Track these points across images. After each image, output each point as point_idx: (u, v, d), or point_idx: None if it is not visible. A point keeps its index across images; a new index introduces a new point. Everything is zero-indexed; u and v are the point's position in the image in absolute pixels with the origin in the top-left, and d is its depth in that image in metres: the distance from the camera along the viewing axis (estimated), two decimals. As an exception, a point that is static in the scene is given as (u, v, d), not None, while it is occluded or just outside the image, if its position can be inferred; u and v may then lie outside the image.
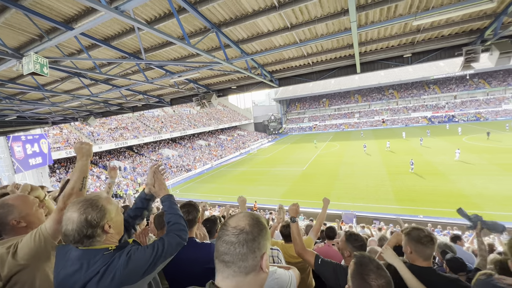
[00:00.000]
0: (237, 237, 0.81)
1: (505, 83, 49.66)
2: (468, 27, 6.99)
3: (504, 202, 13.12)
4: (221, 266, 0.82)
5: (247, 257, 0.80)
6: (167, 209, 1.58)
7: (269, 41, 7.00)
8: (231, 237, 0.82)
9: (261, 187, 21.66)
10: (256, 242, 0.83)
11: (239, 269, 0.80)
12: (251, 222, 0.86)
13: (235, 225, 0.84)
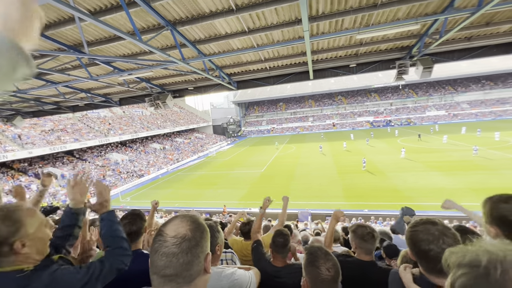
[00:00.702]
0: (179, 247, 0.75)
1: (427, 93, 59.08)
2: (400, 44, 8.09)
3: (429, 194, 15.47)
4: (161, 282, 0.75)
5: (192, 264, 0.76)
6: (106, 231, 1.34)
7: (227, 43, 7.00)
8: (171, 248, 0.75)
9: (220, 190, 21.38)
10: (200, 247, 0.79)
11: (183, 280, 0.75)
12: (191, 227, 0.80)
13: (174, 234, 0.77)
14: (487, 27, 7.07)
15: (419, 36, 7.39)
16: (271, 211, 15.15)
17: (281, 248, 2.03)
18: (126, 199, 22.75)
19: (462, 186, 16.10)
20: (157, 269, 0.75)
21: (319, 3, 5.46)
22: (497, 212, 1.14)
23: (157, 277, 0.75)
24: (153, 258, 0.76)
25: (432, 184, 17.08)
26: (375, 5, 5.66)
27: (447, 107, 56.03)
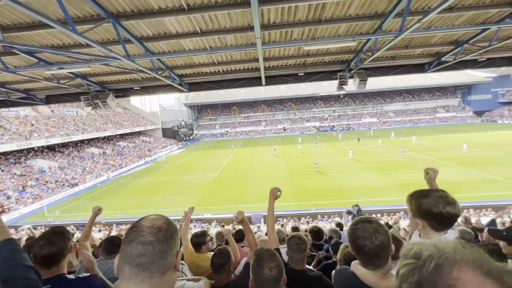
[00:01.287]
0: (156, 235, 0.78)
1: (363, 102, 67.31)
2: (341, 58, 9.01)
3: (366, 192, 17.50)
4: (134, 272, 0.74)
5: (167, 254, 0.78)
6: (2, 263, 1.11)
7: (177, 43, 6.71)
8: (148, 237, 0.77)
9: (170, 197, 20.16)
10: (174, 240, 0.83)
11: (157, 268, 0.76)
12: (166, 221, 0.86)
13: (151, 225, 0.81)
14: (406, 49, 8.43)
15: (356, 52, 8.37)
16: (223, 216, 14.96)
17: (219, 268, 1.95)
18: (54, 213, 19.50)
19: (392, 183, 18.69)
20: (130, 258, 0.75)
21: (270, 12, 5.69)
22: (422, 206, 1.32)
23: (130, 267, 0.74)
24: (127, 248, 0.76)
25: (368, 182, 19.38)
26: (319, 20, 6.19)
27: (378, 115, 64.77)
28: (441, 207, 1.25)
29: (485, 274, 0.41)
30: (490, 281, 0.40)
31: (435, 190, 1.36)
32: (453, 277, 0.41)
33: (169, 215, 6.48)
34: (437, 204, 1.26)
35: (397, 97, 67.10)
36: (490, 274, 0.41)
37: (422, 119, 60.72)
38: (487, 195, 15.21)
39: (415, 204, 1.35)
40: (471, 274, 0.41)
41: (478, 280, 0.40)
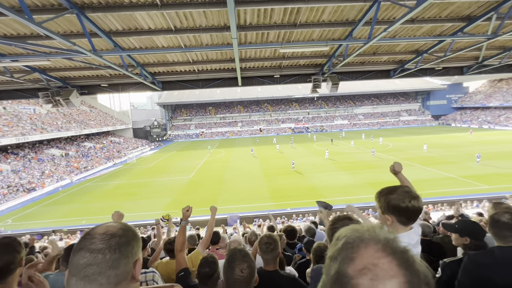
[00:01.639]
0: (108, 242, 0.70)
1: (335, 105, 70.35)
2: (314, 62, 9.31)
3: (339, 190, 18.27)
4: (80, 285, 0.66)
5: (119, 263, 0.70)
6: None
7: (150, 39, 6.43)
8: (98, 244, 0.69)
9: (142, 201, 19.20)
10: (130, 246, 0.74)
11: (107, 279, 0.67)
12: (123, 227, 0.77)
13: (104, 231, 0.73)
14: (374, 56, 8.97)
15: (328, 57, 8.71)
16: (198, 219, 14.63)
17: (206, 278, 1.86)
18: (5, 221, 17.51)
19: (362, 182, 19.73)
20: (77, 270, 0.67)
21: (246, 13, 5.70)
22: (390, 202, 1.38)
23: (76, 279, 0.66)
24: (75, 258, 0.69)
25: (341, 181, 20.26)
26: (295, 24, 6.34)
27: (349, 117, 68.12)
28: (407, 201, 1.33)
29: (383, 249, 0.46)
30: (384, 254, 0.46)
31: (400, 187, 1.44)
32: (355, 251, 0.47)
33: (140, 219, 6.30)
34: (403, 199, 1.34)
35: (366, 101, 71.18)
36: (387, 249, 0.47)
37: (388, 121, 65.14)
38: (443, 191, 16.72)
39: (384, 201, 1.41)
40: (372, 249, 0.47)
41: (374, 253, 0.46)
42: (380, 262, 0.45)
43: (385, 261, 0.45)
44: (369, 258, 0.46)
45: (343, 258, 0.48)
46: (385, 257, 0.46)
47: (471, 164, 22.74)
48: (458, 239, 2.05)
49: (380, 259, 0.45)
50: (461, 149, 29.59)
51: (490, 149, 28.24)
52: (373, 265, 0.44)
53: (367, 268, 0.44)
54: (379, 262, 0.45)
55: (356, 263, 0.46)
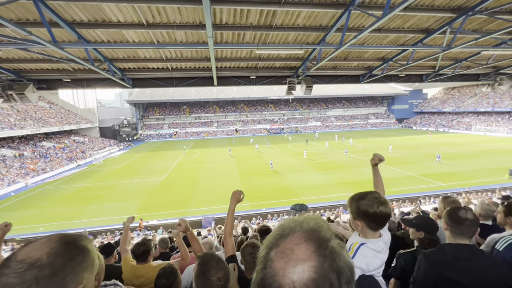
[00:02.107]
0: (21, 276, 0.53)
1: (309, 107, 72.62)
2: (289, 64, 9.51)
3: (311, 190, 18.85)
4: None
5: None
6: None
7: (119, 33, 6.08)
8: (10, 278, 0.53)
9: (108, 204, 18.02)
10: (59, 278, 0.57)
11: None
12: (54, 249, 0.59)
13: (22, 258, 0.56)
14: (345, 61, 9.42)
15: (303, 60, 8.96)
16: (170, 222, 14.12)
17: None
18: None
19: (333, 181, 20.57)
20: None
21: (223, 13, 5.65)
22: (360, 208, 1.43)
23: None
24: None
25: (314, 181, 20.93)
26: (270, 26, 6.42)
27: (322, 119, 70.77)
28: (375, 207, 1.38)
29: (305, 237, 0.52)
30: (303, 241, 0.51)
31: (370, 192, 1.49)
32: (283, 239, 0.52)
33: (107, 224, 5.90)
34: (372, 205, 1.39)
35: (337, 104, 74.51)
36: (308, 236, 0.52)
37: (357, 124, 68.91)
38: (405, 189, 18.10)
39: (355, 207, 1.45)
40: (296, 237, 0.52)
41: (296, 240, 0.51)
42: (296, 248, 0.49)
43: (302, 246, 0.50)
44: (290, 244, 0.51)
45: (271, 244, 0.53)
46: (303, 243, 0.50)
47: (429, 163, 24.93)
48: (415, 233, 2.22)
49: (298, 245, 0.50)
50: (421, 150, 32.30)
51: (445, 150, 31.23)
52: (290, 250, 0.49)
53: (284, 252, 0.49)
54: (296, 247, 0.50)
55: (279, 248, 0.51)
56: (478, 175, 20.51)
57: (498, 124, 49.64)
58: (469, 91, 64.04)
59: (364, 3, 5.65)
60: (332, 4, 5.56)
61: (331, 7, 5.58)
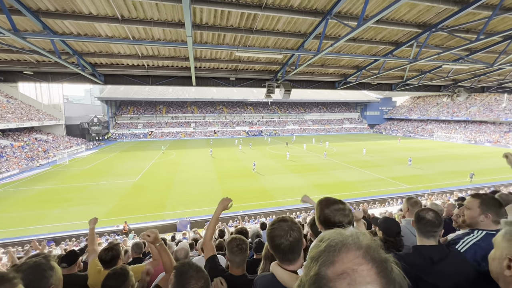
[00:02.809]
0: None
1: (288, 111, 74.07)
2: (269, 68, 9.63)
3: (288, 192, 19.15)
4: None
5: None
6: None
7: (90, 26, 5.73)
8: None
9: (74, 208, 16.77)
10: None
11: None
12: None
13: None
14: (322, 67, 9.75)
15: (282, 64, 9.13)
16: (143, 225, 13.53)
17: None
18: None
19: (309, 184, 21.10)
20: None
21: (203, 13, 5.58)
22: (322, 215, 1.53)
23: None
24: None
25: (290, 183, 21.30)
26: (251, 30, 6.46)
27: (299, 123, 72.49)
28: (336, 218, 1.48)
29: (363, 256, 0.49)
30: (364, 261, 0.48)
31: (335, 203, 1.56)
32: (337, 255, 0.49)
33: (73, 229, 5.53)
34: (334, 216, 1.49)
35: (314, 108, 76.89)
36: (367, 256, 0.49)
37: (333, 128, 71.64)
38: (375, 191, 19.13)
39: (318, 212, 1.55)
40: (353, 254, 0.49)
41: (355, 259, 0.48)
42: (359, 268, 0.46)
43: (365, 268, 0.46)
44: (349, 263, 0.47)
45: (324, 260, 0.49)
46: (365, 264, 0.47)
47: (397, 167, 26.62)
48: (379, 232, 2.36)
49: (360, 265, 0.47)
50: (390, 154, 34.40)
51: (411, 155, 33.58)
52: (352, 271, 0.46)
53: (346, 272, 0.46)
54: (359, 268, 0.46)
55: (336, 267, 0.47)
56: (439, 178, 22.32)
57: (456, 131, 54.59)
58: (432, 101, 69.71)
59: (340, 13, 5.92)
60: (311, 12, 5.75)
61: (310, 14, 5.77)
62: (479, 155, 33.62)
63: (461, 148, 40.45)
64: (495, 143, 44.64)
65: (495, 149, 39.64)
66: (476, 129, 52.69)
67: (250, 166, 27.19)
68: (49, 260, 1.18)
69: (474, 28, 6.87)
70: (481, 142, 46.55)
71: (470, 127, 54.54)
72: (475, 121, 55.05)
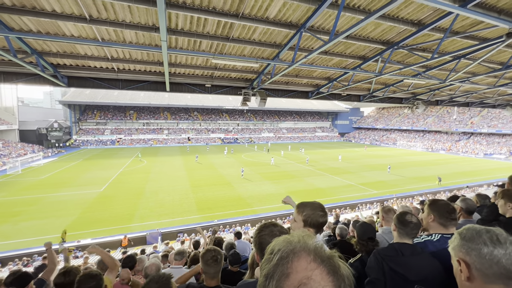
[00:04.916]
0: None
1: (263, 119, 75.06)
2: (245, 76, 9.72)
3: (263, 199, 19.17)
4: None
5: None
6: None
7: (53, 23, 5.32)
8: None
9: (27, 223, 15.00)
10: None
11: None
12: None
13: None
14: (296, 78, 10.09)
15: (258, 73, 9.27)
16: (108, 240, 12.60)
17: None
18: None
19: (284, 190, 21.35)
20: None
21: (179, 18, 5.49)
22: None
23: None
24: None
25: (265, 190, 21.37)
26: (227, 38, 6.49)
27: (274, 130, 73.78)
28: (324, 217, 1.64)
29: (314, 259, 0.50)
30: (315, 265, 0.49)
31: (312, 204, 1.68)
32: (289, 266, 0.49)
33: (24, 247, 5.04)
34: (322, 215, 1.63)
35: (289, 117, 78.99)
36: (317, 259, 0.50)
37: (306, 136, 74.04)
38: (345, 197, 19.97)
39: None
40: (304, 261, 0.50)
41: (307, 266, 0.49)
42: (313, 275, 0.47)
43: (318, 272, 0.47)
44: (303, 271, 0.47)
45: (279, 276, 0.48)
46: (317, 267, 0.48)
47: (365, 173, 28.17)
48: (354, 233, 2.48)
49: (313, 271, 0.48)
50: (358, 161, 36.35)
51: (377, 162, 35.81)
52: (308, 279, 0.46)
53: (303, 283, 0.46)
54: (312, 274, 0.47)
55: (292, 279, 0.47)
56: (402, 183, 24.05)
57: (416, 140, 59.68)
58: (395, 112, 75.68)
59: (313, 27, 6.21)
60: (286, 24, 5.96)
61: (285, 27, 5.97)
62: (435, 162, 36.99)
63: (421, 156, 44.19)
64: (448, 150, 49.56)
65: (449, 156, 44.00)
66: (432, 138, 58.10)
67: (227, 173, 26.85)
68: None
69: (429, 47, 7.66)
70: (436, 150, 51.35)
71: (427, 136, 59.99)
72: (431, 130, 60.79)
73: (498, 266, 0.83)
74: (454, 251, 0.98)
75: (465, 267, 0.91)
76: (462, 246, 0.94)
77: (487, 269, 0.85)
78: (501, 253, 0.84)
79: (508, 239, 0.87)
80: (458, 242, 0.96)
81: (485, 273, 0.86)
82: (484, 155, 43.21)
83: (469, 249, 0.91)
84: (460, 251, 0.94)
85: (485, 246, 0.87)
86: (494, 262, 0.84)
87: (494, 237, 0.88)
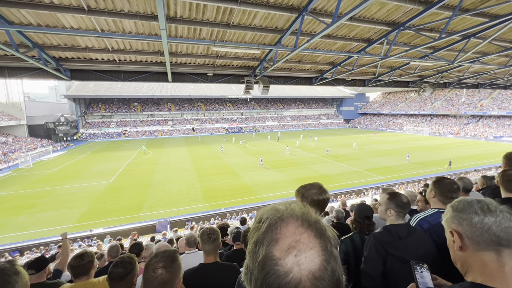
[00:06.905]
0: None
1: (267, 107, 74.43)
2: (247, 64, 9.58)
3: (268, 187, 19.36)
4: None
5: None
6: None
7: (52, 16, 5.29)
8: None
9: (41, 214, 15.58)
10: None
11: None
12: None
13: None
14: (299, 63, 9.90)
15: (260, 60, 9.12)
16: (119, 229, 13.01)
17: (116, 281, 1.75)
18: None
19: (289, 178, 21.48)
20: None
21: (177, 5, 5.38)
22: (309, 196, 1.59)
23: None
24: None
25: (270, 179, 21.53)
26: (228, 24, 6.36)
27: (279, 119, 73.30)
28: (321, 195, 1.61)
29: (301, 224, 0.52)
30: (303, 229, 0.51)
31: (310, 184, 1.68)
32: (278, 232, 0.51)
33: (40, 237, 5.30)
34: (317, 193, 1.61)
35: (293, 104, 78.14)
36: (305, 223, 0.52)
37: (311, 123, 73.41)
38: (351, 183, 20.00)
39: (306, 196, 1.61)
40: (292, 226, 0.51)
41: (296, 230, 0.51)
42: (301, 238, 0.49)
43: (305, 236, 0.49)
44: (292, 236, 0.49)
45: (268, 242, 0.49)
46: (304, 232, 0.50)
47: (371, 159, 28.02)
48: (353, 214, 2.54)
49: (301, 234, 0.49)
50: (364, 147, 36.07)
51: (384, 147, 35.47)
52: (296, 242, 0.48)
53: (292, 246, 0.48)
54: (301, 238, 0.49)
55: (281, 244, 0.48)
56: (408, 168, 23.88)
57: (422, 125, 58.62)
58: (401, 96, 74.06)
59: (316, 10, 6.02)
60: (287, 7, 5.78)
61: (286, 10, 5.80)
62: (443, 146, 36.44)
63: (428, 140, 43.53)
64: (456, 134, 48.66)
65: (457, 140, 43.24)
66: (440, 122, 56.98)
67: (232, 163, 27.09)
68: (14, 265, 1.08)
69: (437, 27, 7.36)
70: (444, 134, 50.47)
71: (434, 120, 58.84)
72: (439, 114, 59.50)
73: (489, 233, 0.85)
74: (447, 223, 1.00)
75: (457, 237, 0.93)
76: (454, 217, 0.96)
77: (478, 237, 0.87)
78: (491, 221, 0.86)
79: (498, 208, 0.89)
80: (451, 214, 0.98)
81: (476, 241, 0.88)
82: (494, 138, 42.32)
83: (460, 219, 0.93)
84: (453, 222, 0.97)
85: (476, 215, 0.89)
86: (485, 229, 0.86)
87: (484, 206, 0.90)
